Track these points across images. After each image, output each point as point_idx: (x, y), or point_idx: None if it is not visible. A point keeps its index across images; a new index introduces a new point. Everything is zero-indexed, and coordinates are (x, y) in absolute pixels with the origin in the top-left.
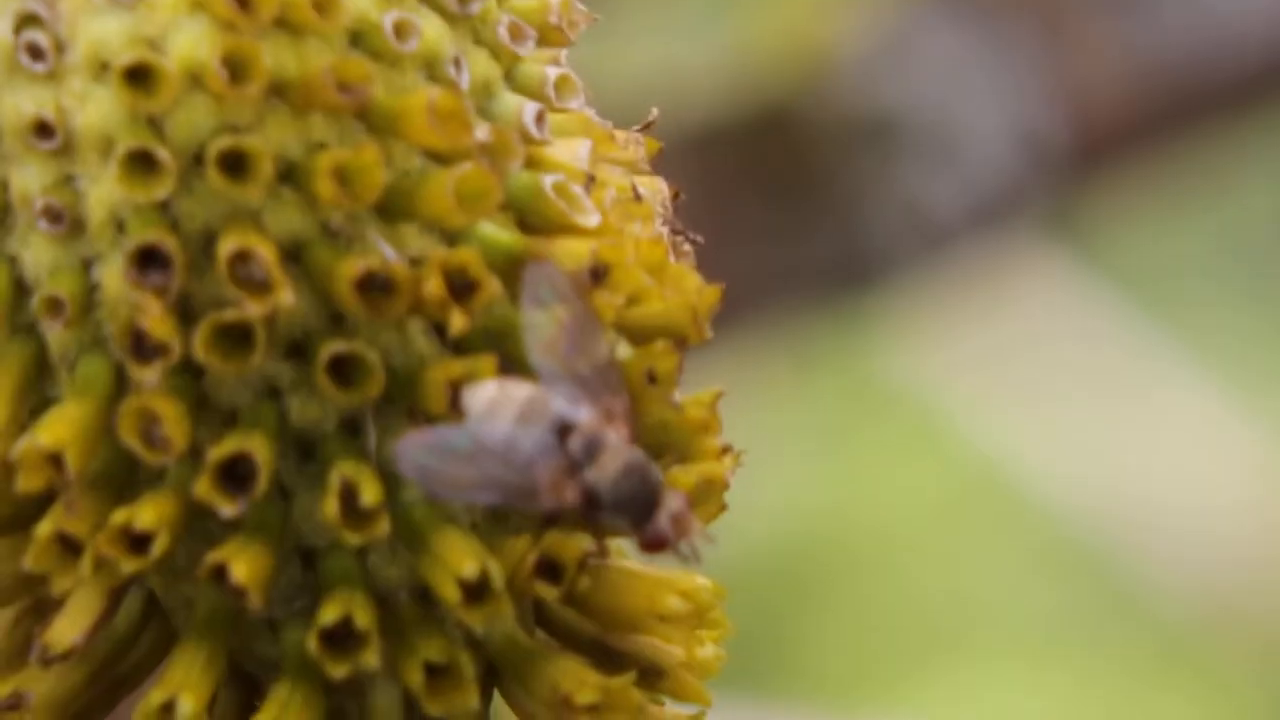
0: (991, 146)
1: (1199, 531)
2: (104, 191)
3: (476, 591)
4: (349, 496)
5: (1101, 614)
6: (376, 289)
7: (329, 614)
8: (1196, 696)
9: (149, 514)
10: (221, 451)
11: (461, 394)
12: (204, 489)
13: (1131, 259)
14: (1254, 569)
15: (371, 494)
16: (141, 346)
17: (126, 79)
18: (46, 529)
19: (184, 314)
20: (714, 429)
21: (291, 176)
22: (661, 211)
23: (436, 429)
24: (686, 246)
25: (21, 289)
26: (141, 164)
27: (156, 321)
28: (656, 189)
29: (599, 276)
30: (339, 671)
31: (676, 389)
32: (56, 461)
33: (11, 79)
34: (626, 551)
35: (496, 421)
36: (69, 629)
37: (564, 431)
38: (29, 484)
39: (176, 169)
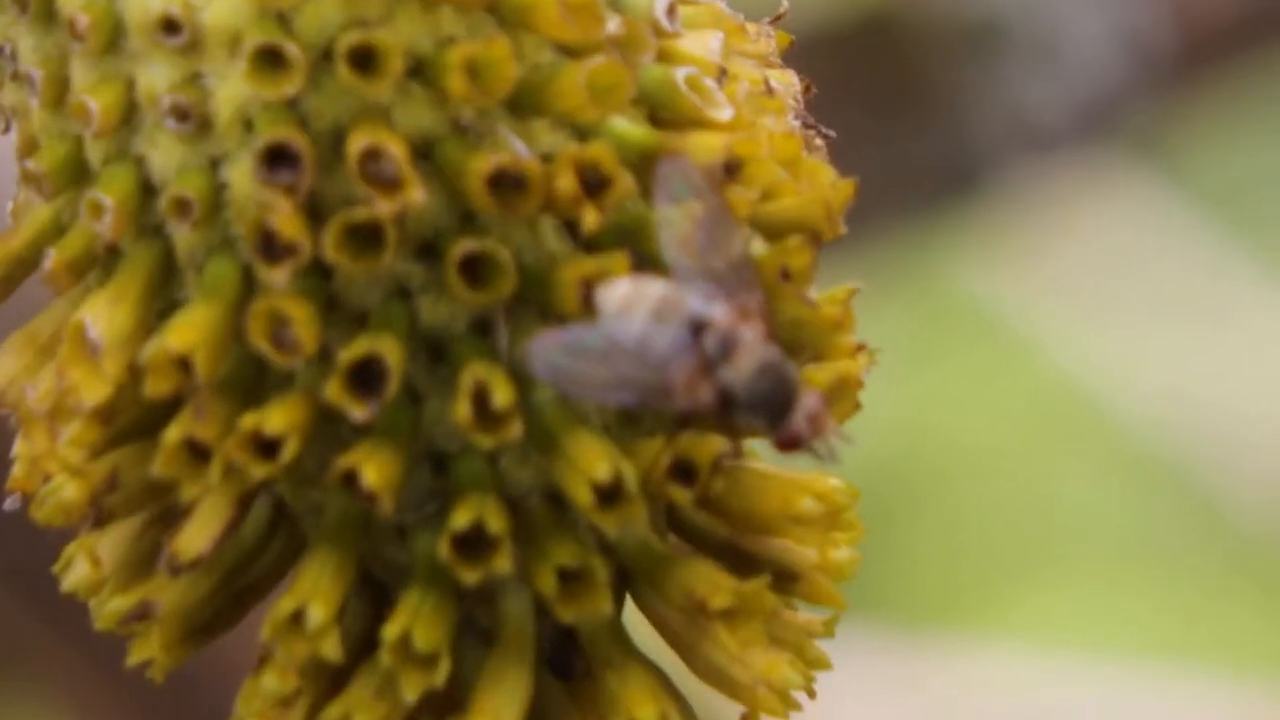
0: (1095, 48)
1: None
2: (232, 89)
3: (609, 494)
4: (481, 398)
5: (1182, 527)
6: (508, 186)
7: (461, 519)
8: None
9: (278, 418)
10: (352, 354)
11: (594, 292)
12: (334, 392)
13: (1216, 178)
14: None
15: (504, 395)
16: (271, 246)
17: None
18: (175, 434)
19: (313, 213)
20: (848, 326)
21: (421, 72)
22: (794, 105)
23: (569, 328)
24: (819, 141)
25: (149, 189)
26: (270, 60)
27: (286, 220)
28: (789, 82)
29: (733, 171)
30: (471, 577)
31: (811, 285)
32: (185, 365)
33: None
34: (761, 452)
35: (630, 320)
36: (197, 537)
37: (699, 329)
38: (157, 388)
39: (305, 65)
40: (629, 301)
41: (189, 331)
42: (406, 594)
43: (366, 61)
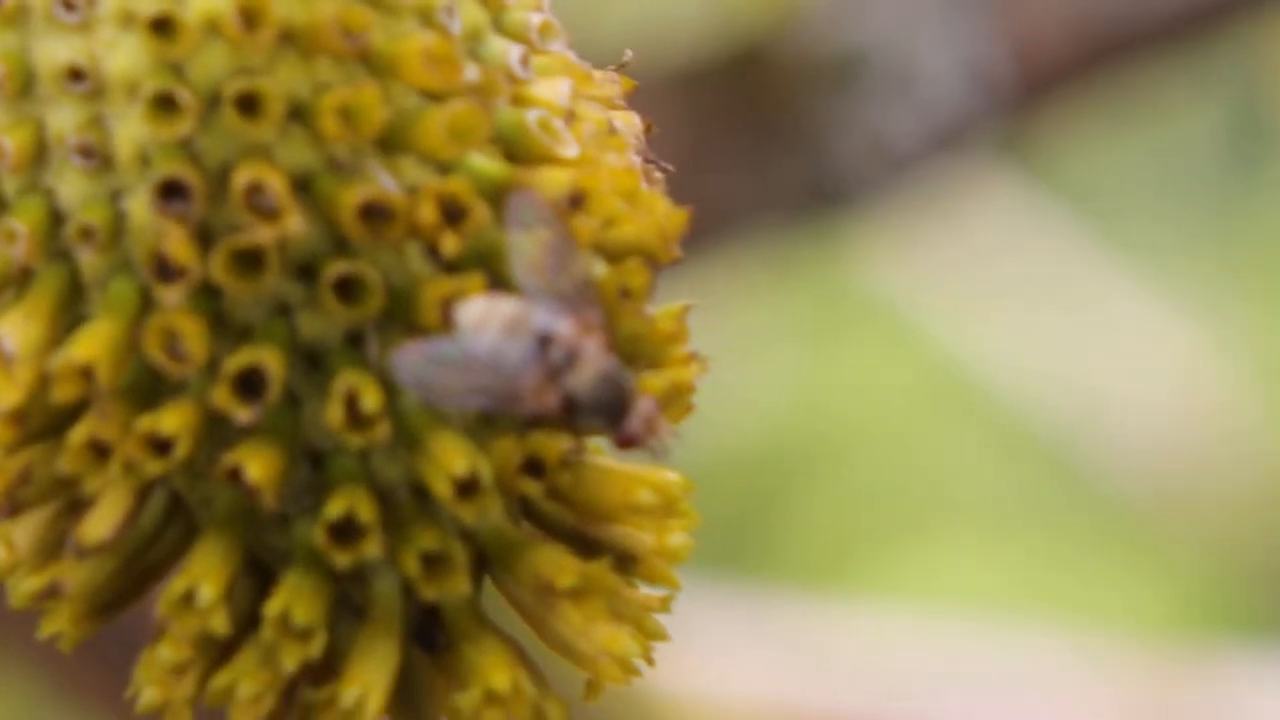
0: (945, 81)
1: (1138, 420)
2: (131, 130)
3: (467, 488)
4: (352, 403)
5: (1051, 497)
6: (377, 215)
7: (334, 509)
8: (1136, 568)
9: (172, 420)
10: (237, 363)
11: (453, 309)
12: (221, 397)
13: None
14: (1185, 455)
15: (373, 400)
16: (165, 269)
17: (151, 28)
18: (80, 434)
19: (203, 239)
20: (682, 339)
21: (300, 114)
22: (635, 143)
23: (431, 341)
24: (658, 175)
25: (57, 218)
26: (165, 105)
27: (179, 246)
28: (631, 123)
29: (577, 202)
30: (344, 561)
31: (647, 303)
32: (88, 374)
33: (48, 29)
34: (603, 450)
35: (485, 334)
36: (100, 525)
37: (546, 342)
38: (64, 394)
39: (196, 109)
40: (484, 318)
41: (92, 344)
42: (287, 575)
43: (251, 106)
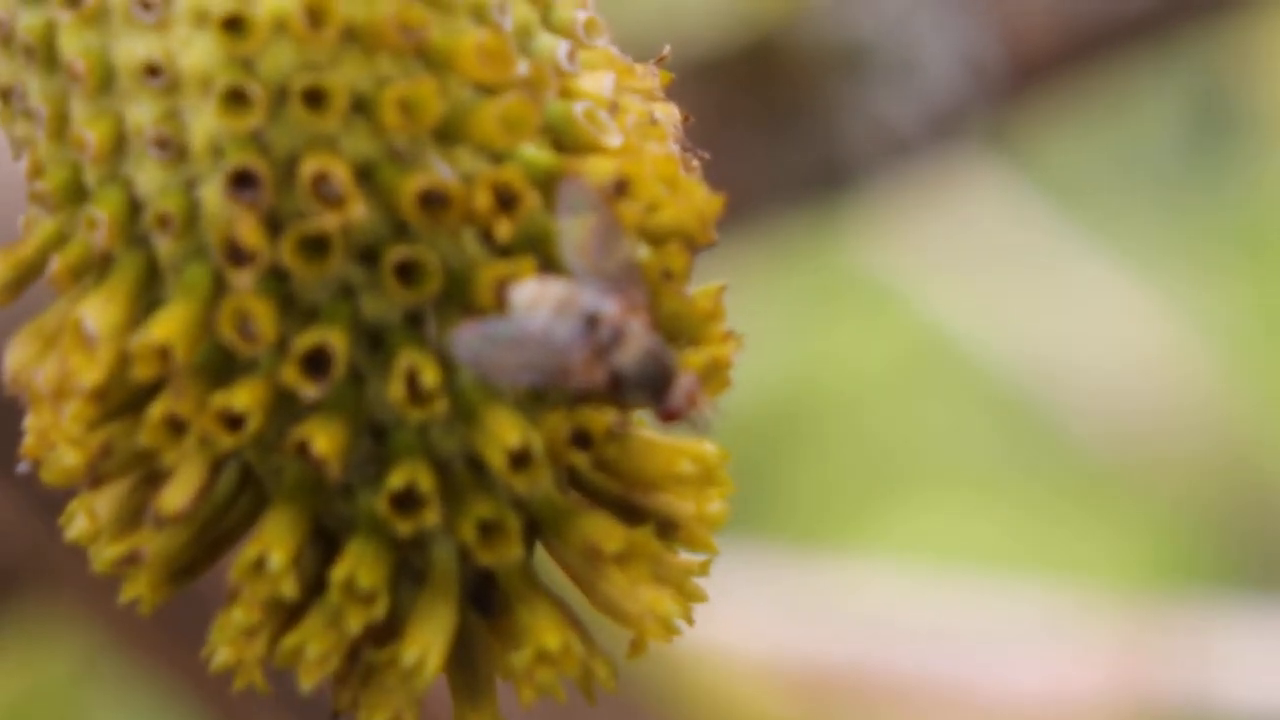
0: (942, 71)
1: (1109, 387)
2: (205, 122)
3: (520, 459)
4: (413, 380)
5: (1030, 458)
6: (435, 202)
7: (396, 480)
8: (1110, 525)
9: (244, 397)
10: (305, 343)
11: (507, 291)
12: (290, 375)
13: (1055, 166)
14: (1153, 419)
15: (432, 377)
16: (237, 254)
17: (223, 26)
18: (157, 411)
19: (272, 226)
20: (719, 317)
21: (362, 107)
22: (674, 133)
23: (486, 321)
24: (695, 163)
25: (136, 206)
26: (236, 99)
27: (250, 232)
28: (670, 113)
29: (622, 189)
30: (405, 529)
31: (688, 283)
32: (166, 353)
33: (126, 28)
34: (647, 422)
35: (536, 314)
36: (177, 496)
37: (593, 321)
38: (143, 372)
39: (266, 102)
40: (535, 298)
41: (169, 325)
42: (351, 542)
43: (317, 99)
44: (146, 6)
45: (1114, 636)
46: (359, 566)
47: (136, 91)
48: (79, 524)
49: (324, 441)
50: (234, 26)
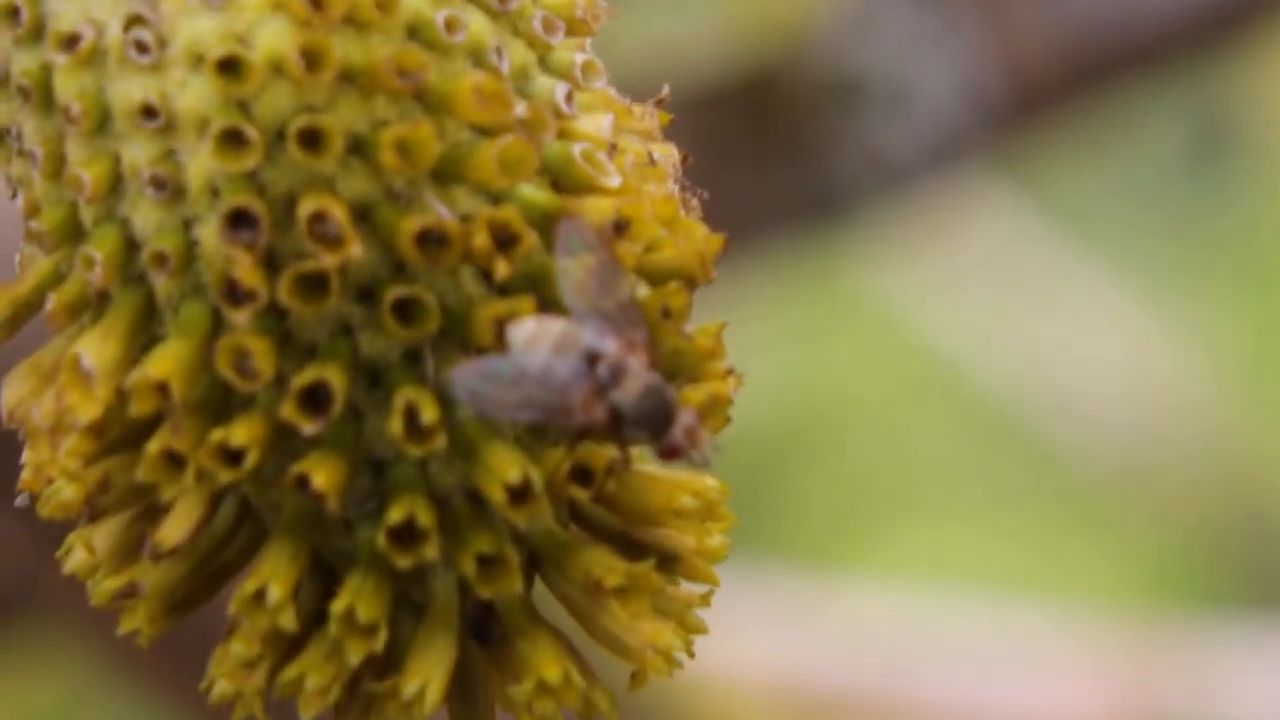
0: (941, 101)
1: (1109, 412)
2: (201, 163)
3: (520, 494)
4: (411, 416)
5: (1030, 480)
6: (433, 242)
7: (395, 515)
8: (1110, 543)
9: (242, 433)
10: (303, 380)
11: (506, 329)
12: (288, 411)
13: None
14: (1155, 440)
15: (430, 414)
16: (234, 292)
17: (219, 69)
18: (155, 446)
19: (270, 265)
20: (719, 355)
21: (359, 149)
22: (672, 173)
23: (485, 359)
24: (694, 202)
25: (132, 245)
26: (232, 140)
27: (247, 271)
28: (669, 154)
29: (621, 229)
30: (404, 562)
31: (687, 321)
32: (163, 390)
33: (122, 70)
34: (647, 458)
35: (535, 352)
36: (175, 530)
37: (593, 359)
38: (140, 408)
39: (262, 144)
40: (534, 337)
41: (166, 362)
42: (351, 576)
43: (314, 141)
44: (142, 49)
45: (1114, 656)
46: (358, 599)
47: (132, 132)
48: (77, 557)
49: (323, 476)
50: (230, 69)
